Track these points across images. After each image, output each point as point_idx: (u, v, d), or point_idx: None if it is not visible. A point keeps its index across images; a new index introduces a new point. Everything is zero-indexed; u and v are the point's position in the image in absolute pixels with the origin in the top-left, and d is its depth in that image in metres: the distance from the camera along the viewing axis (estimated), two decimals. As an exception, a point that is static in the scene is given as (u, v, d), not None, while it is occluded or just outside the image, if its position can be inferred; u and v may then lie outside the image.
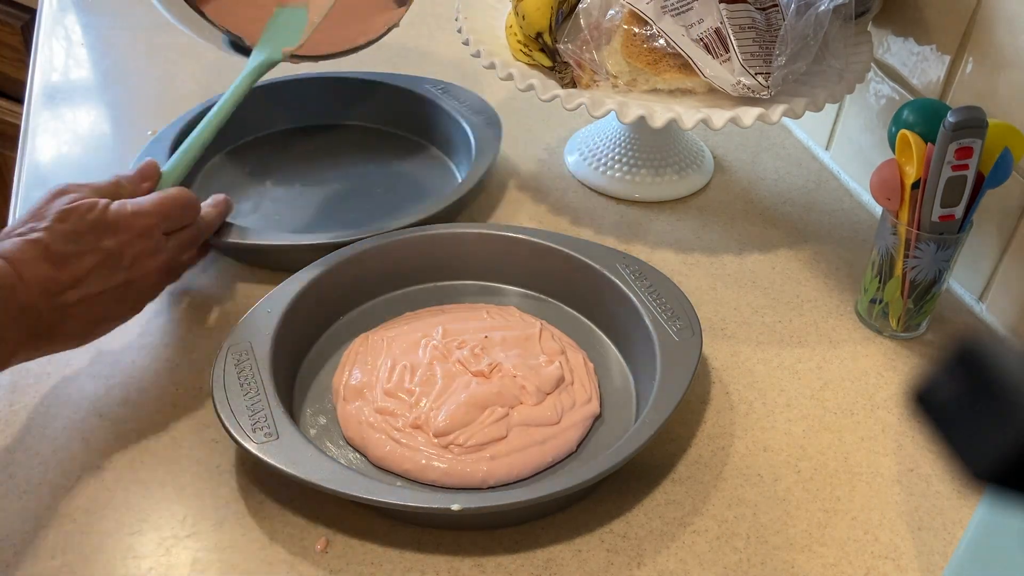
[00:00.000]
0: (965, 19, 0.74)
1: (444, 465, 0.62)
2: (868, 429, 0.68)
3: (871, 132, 0.88)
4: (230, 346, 0.65)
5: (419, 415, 0.64)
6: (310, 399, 0.68)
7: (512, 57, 0.82)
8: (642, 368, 0.68)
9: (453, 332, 0.70)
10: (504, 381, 0.66)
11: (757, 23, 0.77)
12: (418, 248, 0.76)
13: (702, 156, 0.94)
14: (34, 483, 0.62)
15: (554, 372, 0.67)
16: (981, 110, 0.63)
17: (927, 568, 0.59)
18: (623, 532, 0.60)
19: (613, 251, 0.75)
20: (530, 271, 0.77)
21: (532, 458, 0.63)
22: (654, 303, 0.69)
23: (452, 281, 0.78)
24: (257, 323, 0.67)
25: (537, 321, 0.73)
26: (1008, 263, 0.74)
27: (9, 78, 1.69)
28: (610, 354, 0.72)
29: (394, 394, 0.66)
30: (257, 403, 0.61)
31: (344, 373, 0.68)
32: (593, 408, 0.66)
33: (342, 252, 0.74)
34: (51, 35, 1.12)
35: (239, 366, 0.63)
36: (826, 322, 0.76)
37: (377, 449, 0.63)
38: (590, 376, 0.69)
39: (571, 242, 0.75)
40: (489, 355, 0.68)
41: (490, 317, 0.73)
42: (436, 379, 0.66)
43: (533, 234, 0.76)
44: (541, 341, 0.70)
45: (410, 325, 0.72)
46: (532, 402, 0.65)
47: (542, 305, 0.77)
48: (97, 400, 0.68)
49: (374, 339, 0.71)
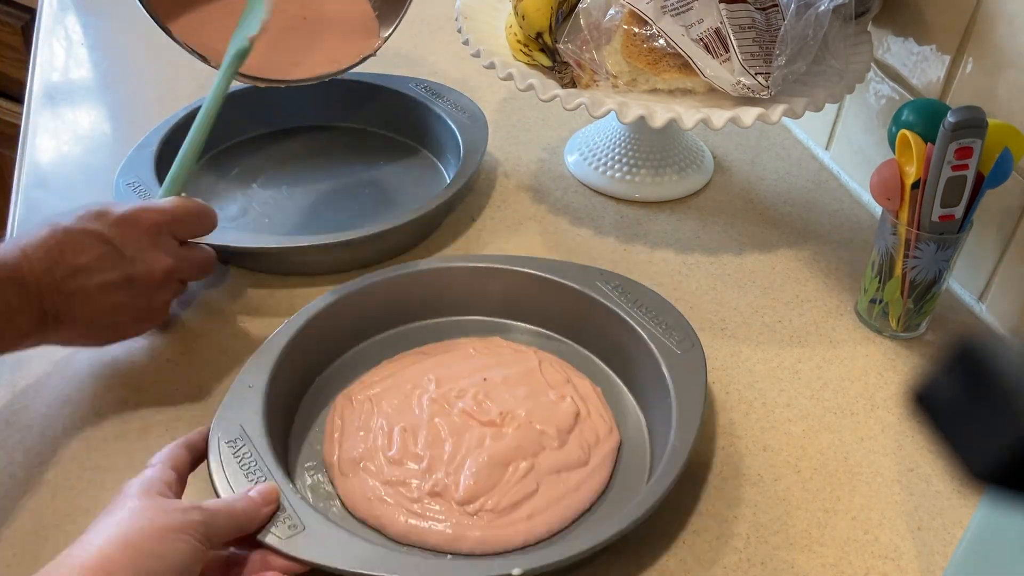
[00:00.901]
0: (965, 19, 0.74)
1: (479, 533, 0.57)
2: (868, 429, 0.68)
3: (871, 132, 0.88)
4: (221, 435, 0.59)
5: (436, 483, 0.59)
6: (308, 469, 0.63)
7: (512, 57, 0.82)
8: (645, 385, 0.66)
9: (447, 379, 0.66)
10: (521, 431, 0.62)
11: (757, 23, 0.77)
12: (384, 291, 0.72)
13: (702, 156, 0.94)
14: (34, 483, 0.62)
15: (569, 409, 0.64)
16: (981, 110, 0.63)
17: (927, 568, 0.59)
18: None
19: (590, 268, 0.72)
20: (506, 300, 0.73)
21: (571, 507, 0.59)
22: (645, 318, 0.67)
23: (423, 321, 0.74)
24: (242, 401, 0.61)
25: (529, 349, 0.70)
26: (1008, 263, 0.74)
27: (9, 78, 1.69)
28: (603, 372, 0.70)
29: (401, 462, 0.61)
30: None
31: (334, 444, 0.63)
32: (616, 438, 0.64)
33: (310, 308, 0.69)
34: (51, 35, 1.12)
35: (237, 454, 0.58)
36: (826, 322, 0.76)
37: (395, 525, 0.58)
38: (603, 403, 0.66)
39: (545, 264, 0.72)
40: (494, 400, 0.64)
41: (478, 354, 0.69)
42: (444, 438, 0.62)
43: (502, 261, 0.73)
44: (543, 373, 0.66)
45: (394, 377, 0.67)
46: (555, 445, 0.61)
47: (524, 335, 0.73)
48: (97, 400, 0.68)
49: (359, 399, 0.65)
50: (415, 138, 0.95)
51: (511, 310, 0.73)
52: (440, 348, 0.70)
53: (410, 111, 0.93)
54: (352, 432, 0.63)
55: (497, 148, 0.95)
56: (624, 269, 0.81)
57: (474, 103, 0.92)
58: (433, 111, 0.91)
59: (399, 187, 0.90)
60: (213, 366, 0.70)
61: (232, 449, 0.58)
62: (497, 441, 0.61)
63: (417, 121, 0.93)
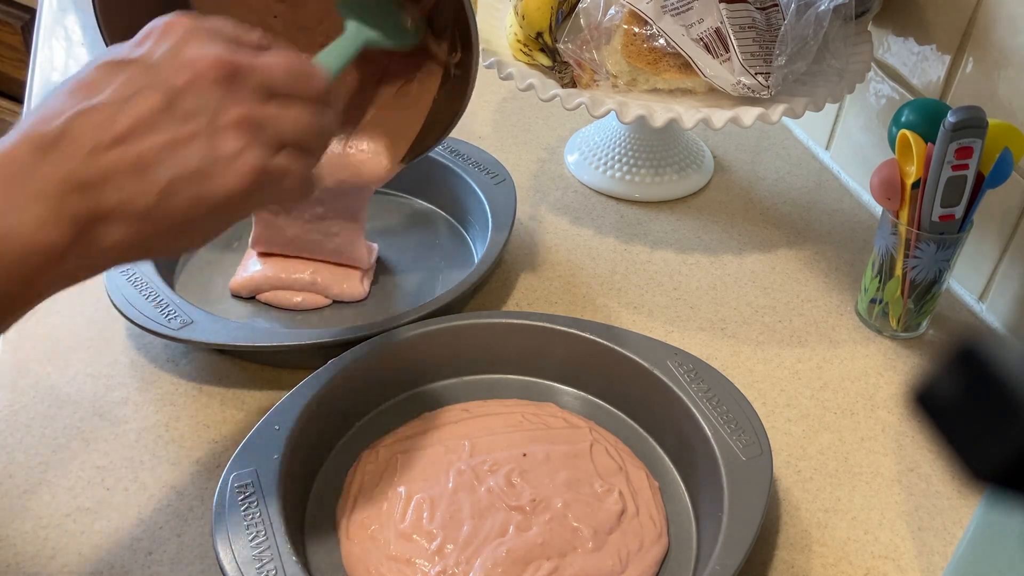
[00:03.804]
0: (965, 19, 0.74)
1: None
2: (868, 429, 0.68)
3: (871, 132, 0.88)
4: (233, 475, 0.55)
5: (444, 568, 0.53)
6: (327, 536, 0.57)
7: (512, 57, 0.82)
8: (703, 486, 0.59)
9: (483, 447, 0.59)
10: (551, 525, 0.54)
11: (757, 23, 0.77)
12: (438, 341, 0.66)
13: (702, 156, 0.94)
14: (34, 483, 0.62)
15: (614, 507, 0.56)
16: (981, 110, 0.63)
17: (927, 568, 0.59)
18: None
19: (663, 345, 0.64)
20: (565, 363, 0.66)
21: None
22: (714, 412, 0.59)
23: (475, 376, 0.68)
24: (264, 443, 0.57)
25: (585, 424, 0.62)
26: (1008, 263, 0.74)
27: (9, 78, 1.69)
28: (660, 460, 0.62)
29: (411, 538, 0.55)
30: (265, 551, 0.51)
31: (348, 501, 0.58)
32: (663, 546, 0.56)
33: (356, 351, 0.63)
34: (51, 35, 1.12)
35: (244, 501, 0.53)
36: (826, 322, 0.76)
37: None
38: (657, 503, 0.58)
39: (614, 333, 0.65)
40: (530, 482, 0.57)
41: (526, 421, 0.62)
42: (463, 519, 0.55)
43: (569, 324, 0.66)
44: (594, 457, 0.59)
45: (428, 436, 0.61)
46: (589, 548, 0.54)
47: (578, 403, 0.66)
48: (97, 400, 0.68)
49: (384, 455, 0.60)
50: (437, 203, 0.87)
51: (569, 375, 0.67)
52: (486, 408, 0.64)
53: (432, 175, 0.86)
54: (368, 491, 0.58)
55: (497, 148, 0.95)
56: (624, 269, 0.81)
57: (502, 165, 0.85)
58: (460, 176, 0.84)
59: (427, 259, 0.82)
60: (215, 366, 0.71)
61: (240, 492, 0.54)
62: (522, 533, 0.54)
63: (439, 185, 0.86)
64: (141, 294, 0.69)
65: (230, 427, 0.66)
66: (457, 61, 0.69)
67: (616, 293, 0.78)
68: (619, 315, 0.76)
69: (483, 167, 0.84)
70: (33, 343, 0.72)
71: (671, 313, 0.77)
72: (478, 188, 0.82)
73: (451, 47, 0.70)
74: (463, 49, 0.68)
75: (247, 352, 0.69)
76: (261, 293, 0.76)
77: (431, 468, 0.58)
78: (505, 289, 0.78)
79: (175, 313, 0.68)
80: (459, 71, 0.69)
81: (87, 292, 0.75)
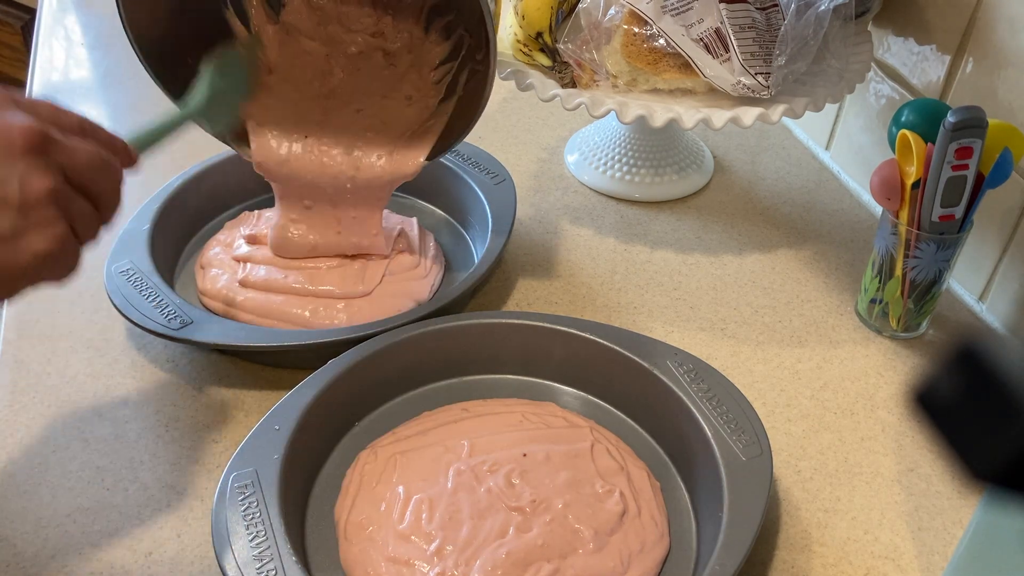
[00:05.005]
0: (965, 19, 0.74)
1: None
2: (868, 429, 0.68)
3: (871, 132, 0.88)
4: (233, 475, 0.55)
5: (443, 570, 0.52)
6: (326, 535, 0.57)
7: (512, 57, 0.82)
8: (702, 485, 0.59)
9: (483, 447, 0.59)
10: (552, 527, 0.54)
11: (757, 23, 0.77)
12: (440, 341, 0.66)
13: (702, 156, 0.94)
14: (34, 483, 0.62)
15: (615, 507, 0.55)
16: (981, 110, 0.63)
17: (927, 568, 0.59)
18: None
19: (663, 345, 0.64)
20: (565, 364, 0.66)
21: None
22: (714, 412, 0.59)
23: (474, 375, 0.68)
24: (264, 443, 0.57)
25: (586, 424, 0.62)
26: (1008, 263, 0.74)
27: (9, 78, 1.69)
28: (659, 460, 0.62)
29: (409, 539, 0.54)
30: (265, 551, 0.51)
31: (347, 501, 0.57)
32: (664, 547, 0.56)
33: (358, 350, 0.64)
34: (51, 35, 1.12)
35: (244, 501, 0.53)
36: (826, 322, 0.76)
37: None
38: (659, 503, 0.58)
39: (615, 333, 0.65)
40: (530, 482, 0.56)
41: (526, 420, 0.62)
42: (463, 520, 0.55)
43: (569, 324, 0.66)
44: (595, 457, 0.59)
45: (427, 435, 0.61)
46: (590, 549, 0.53)
47: (578, 403, 0.66)
48: (97, 400, 0.68)
49: (384, 455, 0.59)
50: (438, 203, 0.88)
51: (569, 375, 0.67)
52: (487, 407, 0.64)
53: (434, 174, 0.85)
54: (367, 492, 0.58)
55: (497, 148, 0.95)
56: (624, 269, 0.81)
57: (502, 166, 0.85)
58: (460, 177, 0.84)
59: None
60: (215, 366, 0.71)
61: (240, 493, 0.54)
62: (522, 534, 0.54)
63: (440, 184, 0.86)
64: (141, 294, 0.69)
65: (230, 427, 0.66)
66: (480, 57, 0.72)
67: (616, 293, 0.78)
68: (619, 315, 0.76)
69: (483, 167, 0.84)
70: (33, 343, 0.72)
71: (671, 313, 0.77)
72: (478, 188, 0.82)
73: (470, 49, 0.73)
74: (482, 46, 0.70)
75: (247, 352, 0.69)
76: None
77: (430, 468, 0.58)
78: (505, 289, 0.78)
79: (175, 313, 0.68)
80: (480, 67, 0.72)
81: (87, 292, 0.75)
